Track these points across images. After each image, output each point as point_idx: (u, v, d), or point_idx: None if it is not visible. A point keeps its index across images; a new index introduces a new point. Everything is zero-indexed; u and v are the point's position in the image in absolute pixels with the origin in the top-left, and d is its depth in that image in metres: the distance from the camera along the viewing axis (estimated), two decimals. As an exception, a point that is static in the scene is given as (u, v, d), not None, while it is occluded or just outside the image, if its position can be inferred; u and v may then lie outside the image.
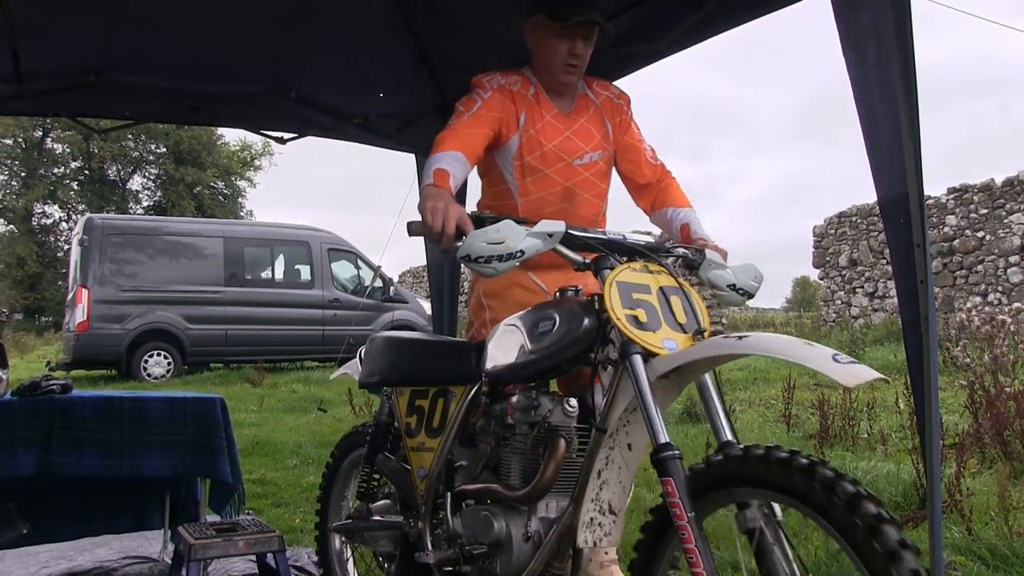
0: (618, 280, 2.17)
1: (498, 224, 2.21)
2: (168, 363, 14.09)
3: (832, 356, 1.82)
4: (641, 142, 3.18)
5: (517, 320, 2.51)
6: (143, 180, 38.62)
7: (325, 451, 7.05)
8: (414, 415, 2.95)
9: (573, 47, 2.90)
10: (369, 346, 3.27)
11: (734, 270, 2.55)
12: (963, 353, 7.75)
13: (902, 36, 2.74)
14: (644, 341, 2.09)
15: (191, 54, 4.40)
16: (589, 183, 3.05)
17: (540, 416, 2.38)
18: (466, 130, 2.83)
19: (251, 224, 21.50)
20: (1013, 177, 13.65)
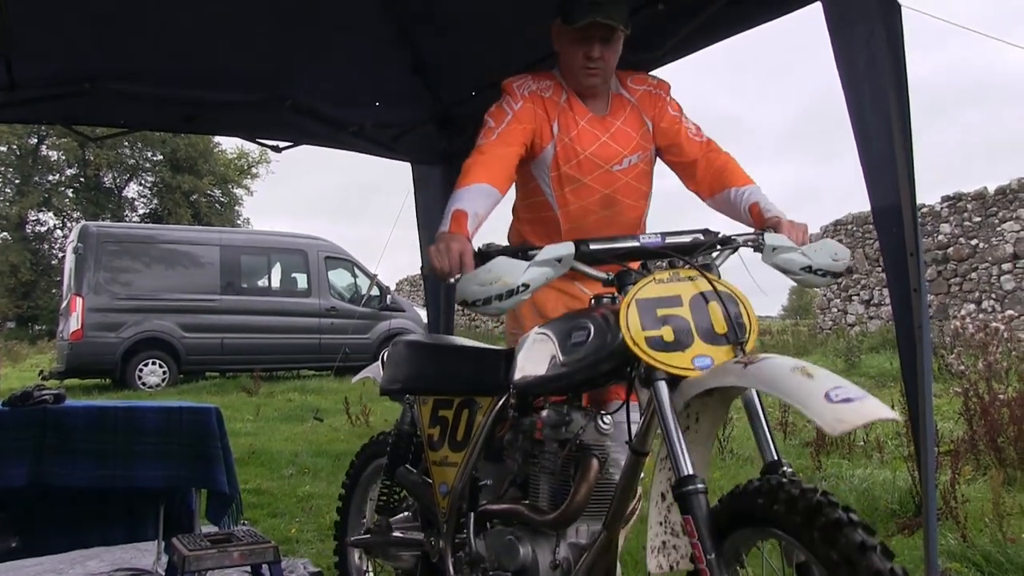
0: (638, 298, 1.99)
1: (491, 263, 2.08)
2: (163, 372, 14.05)
3: (825, 393, 1.61)
4: (681, 122, 2.95)
5: (549, 329, 2.35)
6: (139, 188, 38.56)
7: (321, 460, 7.08)
8: (437, 426, 2.80)
9: (589, 50, 2.73)
10: (392, 350, 3.13)
11: (807, 250, 2.30)
12: (957, 360, 7.78)
13: (894, 48, 2.76)
14: (668, 364, 1.92)
15: (187, 62, 4.39)
16: (630, 188, 2.88)
17: (572, 433, 2.25)
18: (496, 151, 2.66)
19: (248, 232, 21.49)
20: (1005, 186, 13.70)
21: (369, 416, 8.91)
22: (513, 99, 2.79)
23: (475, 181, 2.55)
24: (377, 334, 15.37)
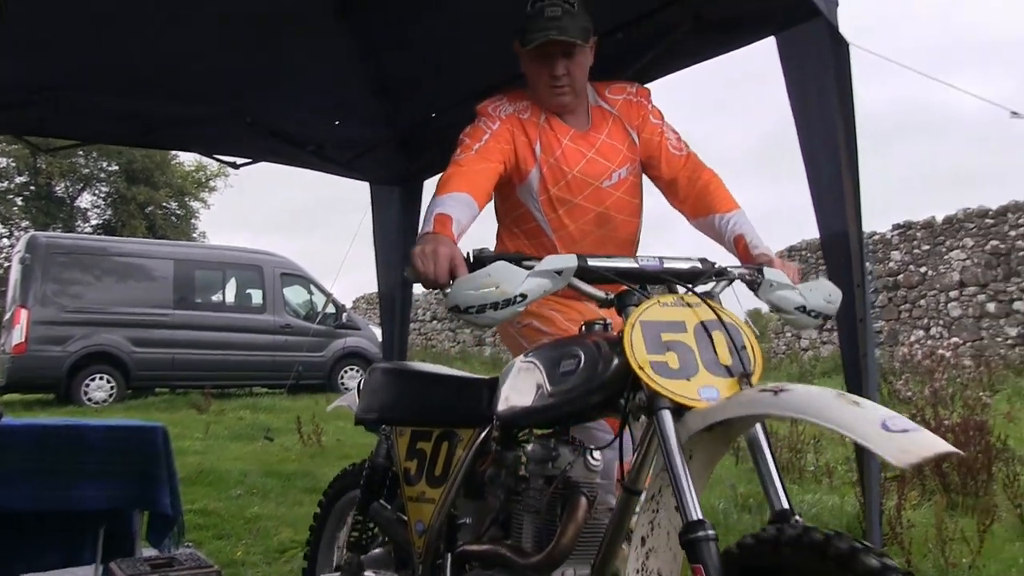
0: (642, 320, 1.86)
1: (490, 267, 1.93)
2: (111, 387, 13.80)
3: (882, 423, 1.47)
4: (663, 132, 2.82)
5: (535, 356, 2.19)
6: (93, 198, 37.90)
7: (271, 481, 6.99)
8: (414, 459, 2.63)
9: (552, 69, 2.62)
10: (368, 377, 2.96)
11: (803, 289, 2.20)
12: (905, 386, 7.89)
13: (842, 82, 2.84)
14: (674, 392, 1.77)
15: (145, 75, 4.35)
16: (622, 203, 2.75)
17: (559, 469, 2.09)
18: (475, 167, 2.54)
19: (203, 246, 21.27)
20: (952, 215, 13.99)
21: (321, 436, 8.83)
22: (490, 120, 2.69)
23: (455, 190, 2.40)
24: (332, 352, 15.29)
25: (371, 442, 8.54)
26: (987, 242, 13.44)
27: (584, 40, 2.61)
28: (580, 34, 2.59)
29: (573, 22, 2.56)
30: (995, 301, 13.30)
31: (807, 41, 2.96)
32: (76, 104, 4.45)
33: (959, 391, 8.03)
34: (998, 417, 7.19)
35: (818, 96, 2.93)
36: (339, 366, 15.45)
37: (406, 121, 4.95)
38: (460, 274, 2.01)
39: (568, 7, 2.57)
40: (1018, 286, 13.02)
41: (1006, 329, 13.13)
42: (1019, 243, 13.02)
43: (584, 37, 2.61)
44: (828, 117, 2.87)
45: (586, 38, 2.62)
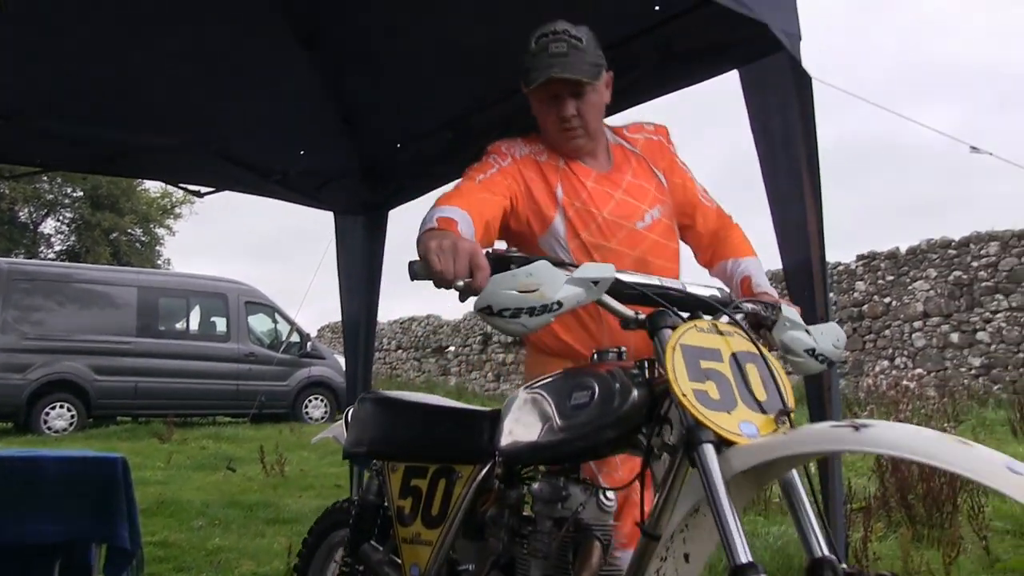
0: (683, 343, 1.71)
1: (531, 266, 1.73)
2: (71, 416, 13.59)
3: (1006, 465, 1.35)
4: (692, 180, 2.66)
5: (543, 388, 2.02)
6: (57, 224, 37.50)
7: (233, 511, 6.89)
8: (408, 497, 2.44)
9: (561, 110, 2.41)
10: (357, 408, 2.76)
11: (814, 332, 2.07)
12: (870, 417, 7.93)
13: (805, 115, 2.86)
14: (718, 425, 1.61)
15: (109, 103, 4.33)
16: (658, 247, 2.50)
17: (569, 510, 1.93)
18: (476, 194, 2.29)
19: (167, 274, 21.09)
20: (916, 246, 14.18)
21: (284, 466, 8.74)
22: (500, 157, 2.46)
23: (453, 205, 2.15)
24: (296, 382, 15.22)
25: (335, 473, 8.50)
26: (950, 273, 13.63)
27: (593, 78, 2.39)
28: (588, 72, 2.37)
29: (580, 59, 2.35)
30: (958, 331, 13.46)
31: (770, 74, 3.00)
32: (38, 130, 4.40)
33: (923, 422, 8.07)
34: (961, 447, 7.24)
35: (781, 128, 2.96)
36: (303, 395, 15.39)
37: (371, 151, 4.94)
38: (483, 274, 1.76)
39: (575, 42, 2.35)
40: (981, 316, 13.19)
41: (969, 359, 13.28)
42: (981, 274, 13.20)
43: (593, 75, 2.39)
44: (791, 149, 2.90)
45: (595, 75, 2.40)
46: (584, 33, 2.38)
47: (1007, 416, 9.42)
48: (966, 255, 13.49)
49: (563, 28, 2.35)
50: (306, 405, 15.36)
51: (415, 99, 4.30)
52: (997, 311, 13.01)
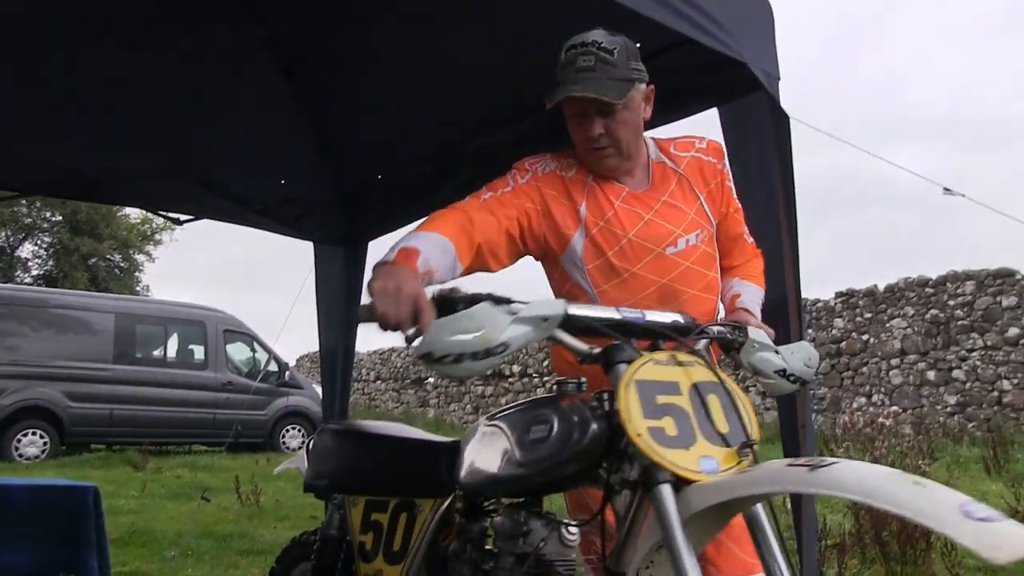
0: (638, 379, 1.66)
1: (473, 309, 1.68)
2: (44, 443, 13.42)
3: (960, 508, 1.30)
4: (740, 210, 2.49)
5: (502, 420, 1.98)
6: (35, 248, 37.26)
7: (207, 542, 6.81)
8: (370, 532, 2.40)
9: (587, 129, 2.23)
10: (317, 440, 2.70)
11: (784, 352, 2.02)
12: (846, 454, 7.95)
13: (783, 154, 2.91)
14: (675, 464, 1.58)
15: (88, 129, 4.33)
16: (692, 274, 2.29)
17: (531, 545, 1.88)
18: (472, 214, 2.13)
19: (145, 301, 20.95)
20: (893, 284, 14.29)
21: (260, 496, 8.66)
22: (520, 174, 2.32)
23: (433, 231, 2.03)
24: (273, 411, 15.13)
25: (312, 503, 8.40)
26: (927, 311, 13.73)
27: (618, 96, 2.17)
28: (614, 89, 2.16)
29: (609, 73, 2.16)
30: (935, 369, 13.55)
31: (749, 113, 3.05)
32: (15, 155, 4.39)
33: (899, 459, 8.11)
34: (937, 485, 7.27)
35: (759, 166, 3.00)
36: (281, 425, 15.28)
37: (351, 182, 4.96)
38: (425, 319, 1.67)
39: (604, 55, 2.16)
40: (957, 355, 13.28)
41: (945, 397, 13.36)
42: (958, 312, 13.31)
43: (620, 92, 2.17)
44: (768, 186, 2.94)
45: (622, 93, 2.17)
46: (619, 44, 2.19)
47: (981, 454, 9.47)
48: (943, 294, 13.61)
49: (593, 39, 2.18)
50: (283, 435, 15.26)
51: (395, 130, 4.32)
52: (973, 349, 13.11)
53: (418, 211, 4.89)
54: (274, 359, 15.47)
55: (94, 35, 3.57)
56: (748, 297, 2.35)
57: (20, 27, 3.48)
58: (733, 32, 2.81)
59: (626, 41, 2.22)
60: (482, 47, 3.45)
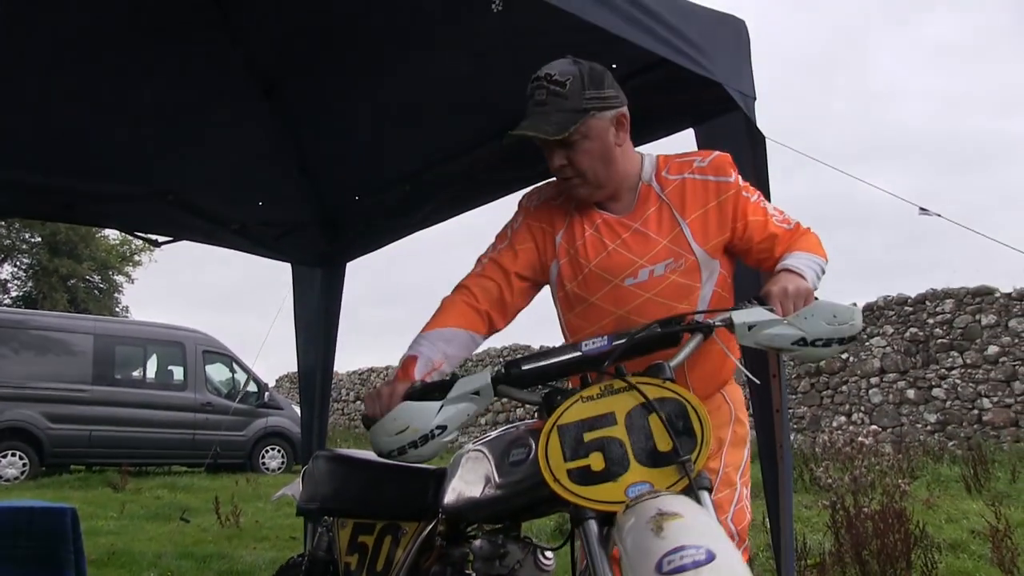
0: (560, 424, 1.70)
1: (395, 410, 1.86)
2: (23, 464, 13.30)
3: (659, 561, 1.38)
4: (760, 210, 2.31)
5: (484, 445, 2.06)
6: (13, 269, 37.00)
7: (186, 563, 6.75)
8: (355, 554, 2.47)
9: (550, 161, 2.22)
10: (312, 465, 2.80)
11: (795, 320, 1.85)
12: (826, 473, 7.97)
13: (759, 175, 2.92)
14: (593, 500, 1.62)
15: (64, 151, 4.30)
16: (652, 306, 2.20)
17: (507, 568, 1.96)
18: (476, 287, 2.26)
19: (124, 322, 20.83)
20: (873, 303, 14.37)
21: (240, 517, 8.60)
22: (516, 217, 2.38)
23: (440, 326, 2.18)
24: (253, 432, 15.07)
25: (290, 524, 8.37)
26: (907, 329, 13.83)
27: (558, 131, 2.12)
28: (555, 123, 2.12)
29: (557, 107, 2.13)
30: (915, 388, 13.63)
31: (725, 134, 3.07)
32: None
33: (879, 478, 8.14)
34: (917, 504, 7.30)
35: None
36: (260, 445, 15.22)
37: (329, 203, 4.96)
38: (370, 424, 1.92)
39: (555, 88, 2.13)
40: (936, 373, 13.37)
41: (925, 415, 13.43)
42: (937, 331, 13.41)
43: (561, 126, 2.12)
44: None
45: (565, 126, 2.13)
46: (573, 74, 2.15)
47: (961, 472, 9.51)
48: (922, 312, 13.71)
49: (547, 72, 2.15)
50: (263, 455, 15.19)
51: (373, 151, 4.33)
52: (952, 368, 13.20)
53: (397, 232, 4.90)
54: (253, 380, 15.43)
55: (71, 58, 3.57)
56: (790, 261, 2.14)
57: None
58: (708, 53, 2.84)
59: (586, 70, 2.18)
60: (460, 68, 3.47)
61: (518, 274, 2.29)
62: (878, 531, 5.38)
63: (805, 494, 8.36)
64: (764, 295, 1.93)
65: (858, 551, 5.43)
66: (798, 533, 4.59)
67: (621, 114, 2.24)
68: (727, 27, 3.00)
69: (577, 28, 2.63)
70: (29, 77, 3.70)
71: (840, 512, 5.82)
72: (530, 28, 3.13)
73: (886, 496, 6.80)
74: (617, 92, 2.24)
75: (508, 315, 2.31)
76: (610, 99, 2.20)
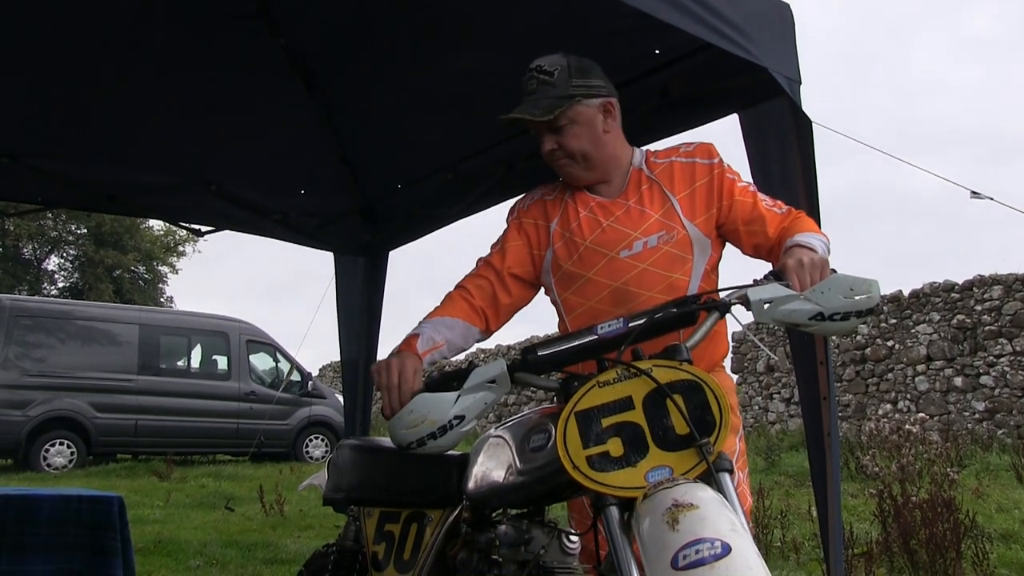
0: (578, 411, 1.69)
1: (410, 404, 1.88)
2: (71, 453, 13.53)
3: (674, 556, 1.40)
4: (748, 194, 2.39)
5: (505, 431, 2.05)
6: (60, 260, 37.60)
7: (231, 551, 6.83)
8: (382, 542, 2.49)
9: (542, 144, 2.37)
10: (337, 454, 2.80)
11: (811, 294, 1.84)
12: (872, 462, 7.87)
13: (805, 160, 2.87)
14: (613, 487, 1.62)
15: (110, 142, 4.35)
16: (649, 276, 2.30)
17: (532, 553, 1.96)
18: (471, 286, 2.40)
19: (169, 312, 21.08)
20: (918, 290, 14.15)
21: (284, 506, 8.67)
22: (509, 217, 2.54)
23: (440, 315, 2.33)
24: (296, 421, 15.18)
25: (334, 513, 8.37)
26: (953, 316, 13.60)
27: (545, 113, 2.28)
28: (541, 107, 2.28)
29: (546, 93, 2.28)
30: (962, 375, 13.40)
31: (770, 119, 3.01)
32: (39, 169, 4.43)
33: (926, 467, 8.03)
34: (966, 493, 7.19)
35: (781, 172, 2.97)
36: (304, 435, 15.34)
37: (371, 192, 4.96)
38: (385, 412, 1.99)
39: (544, 78, 2.30)
40: (984, 360, 13.14)
41: (973, 403, 13.21)
42: (984, 318, 13.17)
43: (547, 109, 2.28)
44: (791, 192, 2.89)
45: (551, 109, 2.28)
46: (561, 65, 2.31)
47: (1011, 461, 9.36)
48: (969, 299, 13.47)
49: (537, 64, 2.33)
50: (307, 444, 15.32)
51: (415, 140, 4.31)
52: (1001, 355, 12.96)
53: (439, 220, 4.90)
54: (297, 369, 15.53)
55: (113, 50, 3.59)
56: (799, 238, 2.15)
57: (41, 44, 3.51)
58: (754, 37, 2.78)
59: (574, 61, 2.34)
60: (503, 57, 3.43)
61: (510, 272, 2.42)
62: (926, 520, 5.30)
63: (851, 482, 8.27)
64: (780, 269, 1.94)
65: (906, 540, 5.36)
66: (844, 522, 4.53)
67: (608, 103, 2.39)
68: (772, 11, 2.94)
69: (621, 14, 2.60)
70: (71, 70, 3.73)
71: (887, 501, 5.74)
72: (573, 16, 3.10)
73: (934, 485, 6.70)
74: (605, 84, 2.39)
75: (502, 314, 2.43)
76: (597, 88, 2.36)
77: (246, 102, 4.04)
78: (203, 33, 3.47)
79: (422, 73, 3.71)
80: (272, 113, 4.16)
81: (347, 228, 5.21)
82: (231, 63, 3.71)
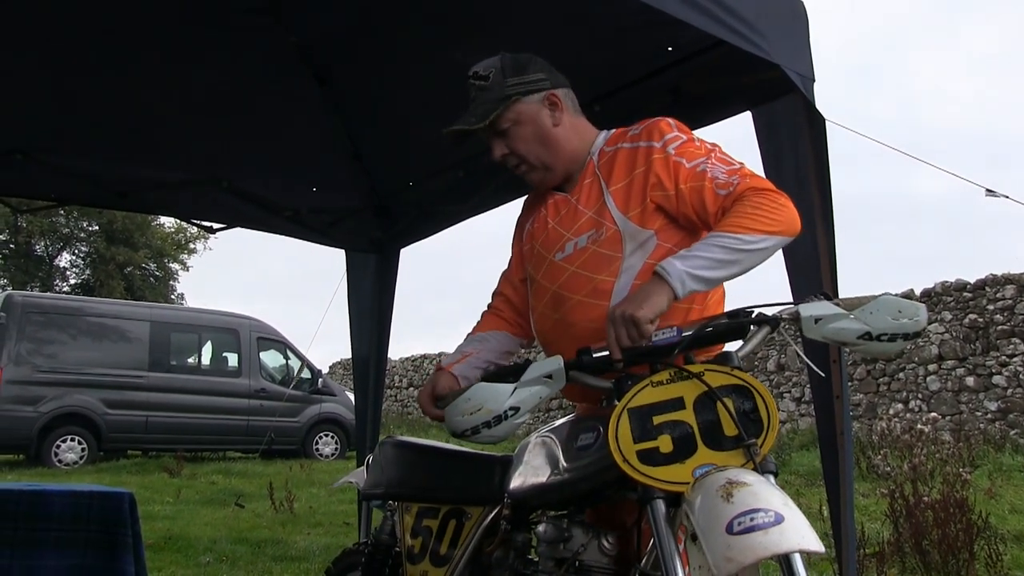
0: (630, 407, 1.75)
1: (469, 391, 1.90)
2: (82, 449, 13.58)
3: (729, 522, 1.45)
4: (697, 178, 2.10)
5: (554, 431, 2.11)
6: (72, 257, 37.77)
7: (241, 548, 6.84)
8: (419, 537, 2.54)
9: (492, 151, 2.31)
10: (377, 452, 2.85)
11: (861, 314, 1.84)
12: (884, 462, 7.84)
13: (818, 158, 2.85)
14: (661, 481, 1.68)
15: (121, 140, 4.36)
16: (575, 280, 2.19)
17: (570, 551, 1.98)
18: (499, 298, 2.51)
19: (179, 309, 21.14)
20: (930, 288, 14.07)
21: (294, 502, 8.69)
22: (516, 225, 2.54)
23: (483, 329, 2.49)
24: (307, 418, 15.20)
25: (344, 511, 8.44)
26: (965, 316, 13.52)
27: (480, 119, 2.22)
28: (476, 114, 2.23)
29: (482, 99, 2.24)
30: (974, 375, 13.33)
31: (783, 116, 3.00)
32: (51, 166, 4.44)
33: (939, 467, 7.99)
34: (979, 493, 7.15)
35: (794, 169, 2.95)
36: (314, 432, 15.35)
37: (383, 189, 4.96)
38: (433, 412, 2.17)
39: (480, 83, 2.25)
40: (997, 360, 13.06)
41: (985, 403, 13.14)
42: (997, 317, 13.10)
43: (483, 114, 2.22)
44: (804, 190, 2.88)
45: (486, 114, 2.22)
46: (495, 66, 2.26)
47: (1024, 462, 9.32)
48: (981, 298, 13.39)
49: (473, 71, 2.29)
50: (317, 441, 15.34)
51: (426, 137, 4.30)
52: (1014, 355, 12.88)
53: (450, 218, 4.89)
54: (307, 366, 15.55)
55: (125, 47, 3.59)
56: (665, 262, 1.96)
57: (53, 42, 3.51)
58: (766, 33, 2.77)
59: (508, 60, 2.28)
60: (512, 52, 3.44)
61: (519, 279, 2.47)
62: (939, 521, 5.28)
63: (862, 482, 8.23)
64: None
65: (918, 541, 5.33)
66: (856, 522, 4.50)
67: (552, 95, 2.28)
68: (784, 7, 2.93)
69: (632, 10, 2.59)
70: (84, 67, 3.74)
71: (899, 501, 5.71)
72: (585, 12, 3.09)
73: (946, 485, 6.67)
74: (547, 75, 2.30)
75: (527, 318, 2.44)
76: (535, 82, 2.27)
77: (258, 100, 4.05)
78: (216, 30, 3.48)
79: (433, 71, 3.71)
80: (284, 110, 4.16)
81: (358, 225, 5.21)
82: (243, 61, 3.72)
